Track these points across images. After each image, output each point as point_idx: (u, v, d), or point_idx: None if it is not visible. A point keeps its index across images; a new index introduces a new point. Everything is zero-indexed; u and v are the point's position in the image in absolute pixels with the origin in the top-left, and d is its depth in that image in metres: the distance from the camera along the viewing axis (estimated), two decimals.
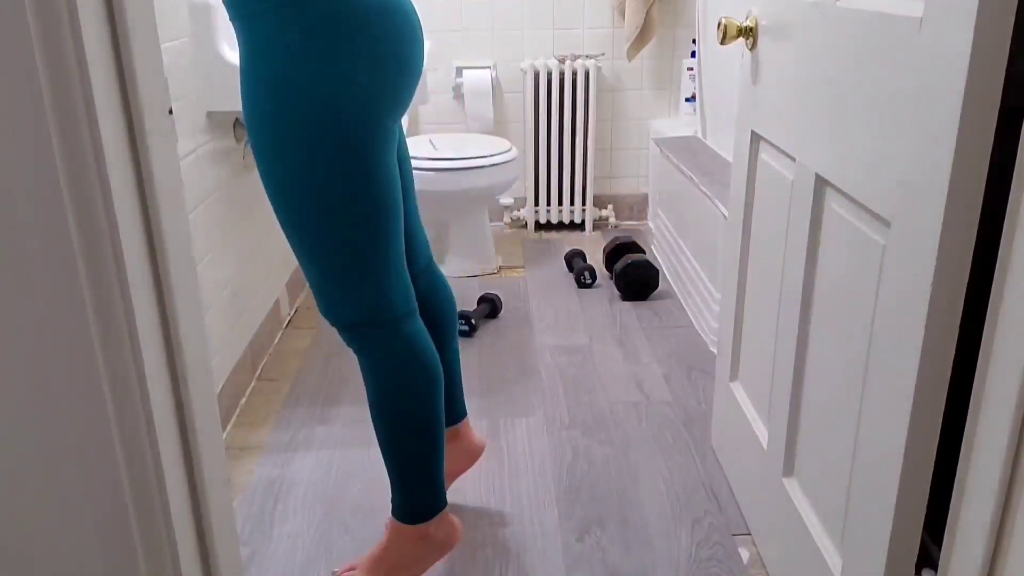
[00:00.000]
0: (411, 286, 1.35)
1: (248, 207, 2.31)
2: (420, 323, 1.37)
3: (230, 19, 1.19)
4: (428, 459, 1.41)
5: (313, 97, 1.15)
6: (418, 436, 1.39)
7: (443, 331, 1.60)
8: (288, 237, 1.27)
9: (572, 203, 3.50)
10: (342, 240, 1.24)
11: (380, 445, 1.41)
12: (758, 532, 1.62)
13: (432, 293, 1.58)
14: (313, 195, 1.21)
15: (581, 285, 2.91)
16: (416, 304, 1.36)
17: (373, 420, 1.40)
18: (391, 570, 1.49)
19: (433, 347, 1.39)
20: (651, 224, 3.49)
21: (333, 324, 1.33)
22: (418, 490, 1.44)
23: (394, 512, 1.47)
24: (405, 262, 1.33)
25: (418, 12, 1.31)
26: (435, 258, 1.63)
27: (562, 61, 3.29)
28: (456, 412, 1.68)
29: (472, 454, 1.73)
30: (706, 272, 2.50)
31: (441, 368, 1.40)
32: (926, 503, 1.04)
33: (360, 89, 1.16)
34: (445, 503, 1.48)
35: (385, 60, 1.18)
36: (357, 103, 1.17)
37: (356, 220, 1.23)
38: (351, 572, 1.53)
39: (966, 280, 0.94)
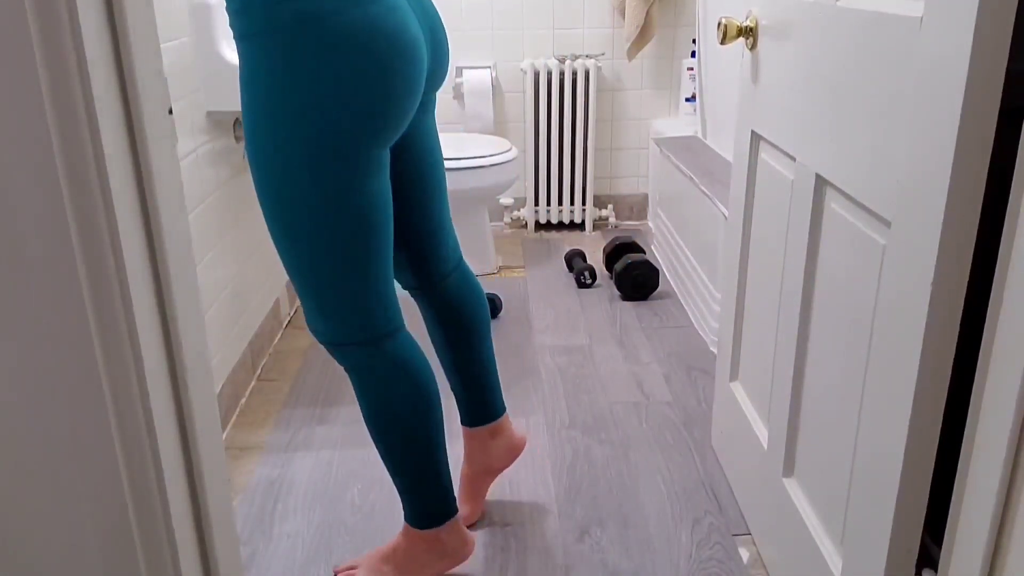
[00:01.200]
0: (397, 305, 1.35)
1: (248, 207, 2.31)
2: (406, 340, 1.37)
3: (233, 37, 1.21)
4: (425, 469, 1.43)
5: (292, 119, 1.16)
6: (410, 449, 1.40)
7: (475, 330, 1.61)
8: (277, 251, 1.29)
9: (572, 203, 3.50)
10: (320, 259, 1.25)
11: (380, 456, 1.44)
12: (758, 532, 1.62)
13: (462, 293, 1.58)
14: (291, 215, 1.22)
15: (581, 285, 2.91)
16: (402, 321, 1.37)
17: (369, 433, 1.42)
18: (396, 569, 1.50)
19: (423, 362, 1.39)
20: (651, 224, 3.49)
21: (319, 341, 1.35)
22: (421, 498, 1.45)
23: (405, 516, 1.49)
24: (392, 283, 1.33)
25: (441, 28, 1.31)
26: None
27: (562, 61, 3.29)
28: (494, 409, 1.68)
29: (514, 449, 1.73)
30: (706, 272, 2.50)
31: (434, 382, 1.41)
32: (926, 503, 1.04)
33: (337, 118, 1.16)
34: (455, 511, 1.49)
35: (367, 91, 1.16)
36: (334, 131, 1.17)
37: (335, 243, 1.24)
38: (352, 571, 1.53)
39: (966, 280, 0.94)
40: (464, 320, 1.59)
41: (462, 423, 1.69)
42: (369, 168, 1.22)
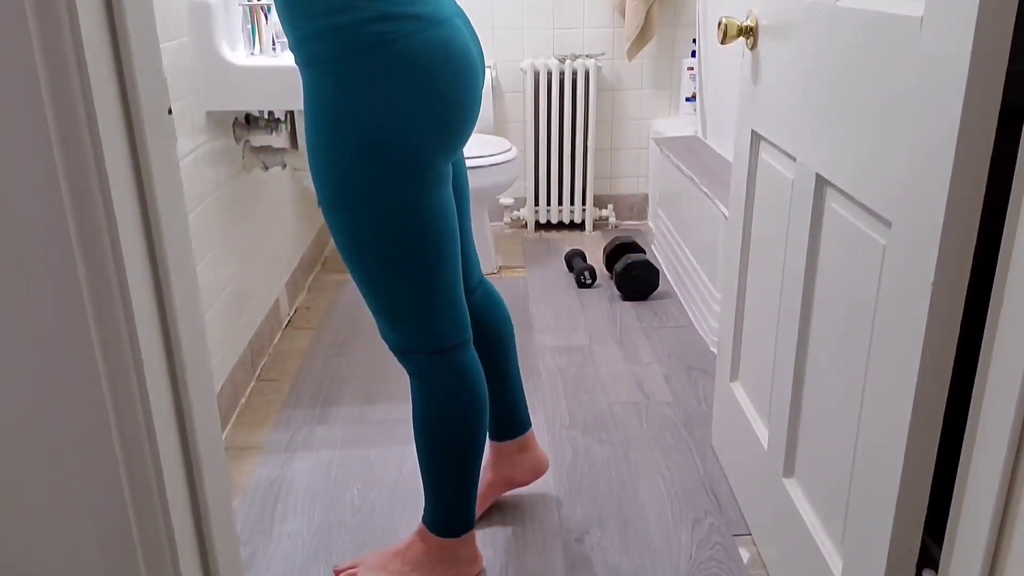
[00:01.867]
0: (466, 317, 1.37)
1: (248, 207, 2.31)
2: (472, 354, 1.40)
3: (295, 63, 1.23)
4: (463, 482, 1.45)
5: (364, 139, 1.18)
6: (456, 461, 1.43)
7: (502, 344, 1.63)
8: (347, 266, 1.32)
9: (572, 203, 3.50)
10: (392, 274, 1.28)
11: (419, 460, 1.45)
12: (758, 532, 1.62)
13: (487, 308, 1.60)
14: (363, 229, 1.24)
15: (581, 285, 2.91)
16: (470, 334, 1.39)
17: (415, 437, 1.44)
18: (410, 566, 1.50)
19: (483, 378, 1.42)
20: (651, 224, 3.49)
21: (389, 348, 1.38)
22: (450, 508, 1.47)
23: (424, 519, 1.50)
24: (461, 293, 1.35)
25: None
26: None
27: (562, 61, 3.29)
28: (522, 423, 1.70)
29: (538, 468, 1.75)
30: (706, 272, 2.50)
31: (487, 398, 1.43)
32: (927, 503, 1.04)
33: (411, 134, 1.19)
34: (473, 525, 1.51)
35: (438, 107, 1.20)
36: (407, 147, 1.19)
37: (405, 256, 1.26)
38: (352, 571, 1.53)
39: (966, 280, 0.94)
40: (492, 335, 1.60)
41: (491, 438, 1.70)
42: (437, 181, 1.25)
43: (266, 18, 2.16)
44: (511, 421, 1.68)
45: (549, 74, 3.28)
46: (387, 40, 1.14)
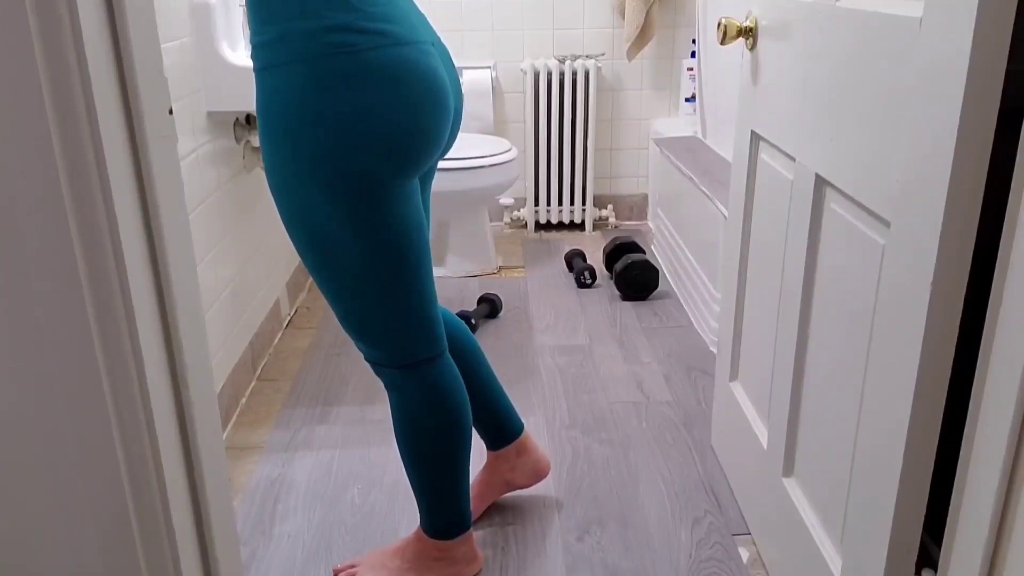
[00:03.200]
0: (439, 328, 1.35)
1: (248, 207, 2.31)
2: (447, 365, 1.38)
3: (253, 70, 1.20)
4: (449, 487, 1.45)
5: (320, 149, 1.15)
6: (436, 469, 1.42)
7: (468, 356, 1.59)
8: (313, 280, 1.29)
9: (572, 203, 3.50)
10: (353, 290, 1.26)
11: (404, 466, 1.45)
12: (758, 532, 1.62)
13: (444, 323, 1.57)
14: (319, 246, 1.22)
15: (581, 285, 2.91)
16: (444, 345, 1.37)
17: (398, 447, 1.43)
18: (407, 565, 1.50)
19: (459, 388, 1.40)
20: (651, 224, 3.49)
21: (365, 359, 1.37)
22: (440, 512, 1.47)
23: (420, 522, 1.50)
24: (432, 306, 1.33)
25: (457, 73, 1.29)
26: (435, 259, 1.63)
27: (562, 61, 3.29)
28: (512, 428, 1.69)
29: (539, 473, 1.73)
30: (706, 272, 2.50)
31: (467, 408, 1.42)
32: (926, 503, 1.04)
33: (358, 150, 1.15)
34: (468, 526, 1.50)
35: (390, 127, 1.16)
36: (355, 163, 1.16)
37: (364, 273, 1.24)
38: (352, 571, 1.53)
39: (966, 280, 0.94)
40: (456, 347, 1.58)
41: (488, 449, 1.70)
42: (395, 201, 1.21)
43: None
44: (500, 429, 1.67)
45: (549, 74, 3.29)
46: (346, 51, 1.12)
